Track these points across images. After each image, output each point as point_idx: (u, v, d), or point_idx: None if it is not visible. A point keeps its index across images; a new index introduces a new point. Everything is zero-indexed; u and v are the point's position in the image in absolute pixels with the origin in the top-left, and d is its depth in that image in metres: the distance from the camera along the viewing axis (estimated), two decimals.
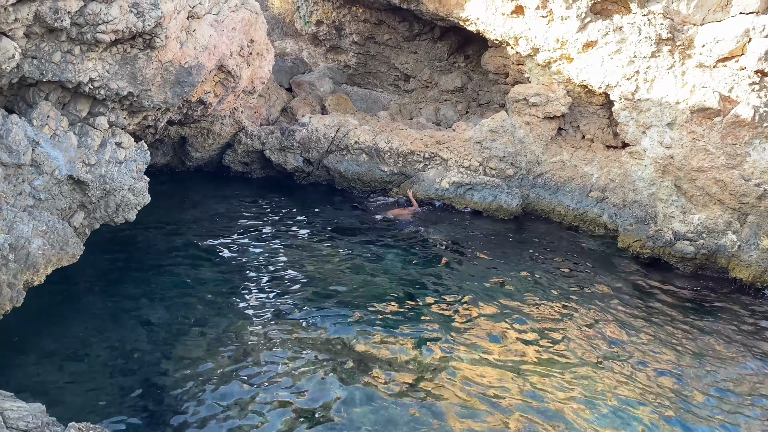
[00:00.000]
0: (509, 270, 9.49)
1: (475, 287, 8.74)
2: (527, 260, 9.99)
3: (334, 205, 12.08)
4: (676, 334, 7.86)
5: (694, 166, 10.18)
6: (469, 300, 8.31)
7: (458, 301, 8.26)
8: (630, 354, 7.29)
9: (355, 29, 16.58)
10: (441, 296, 8.38)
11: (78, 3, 6.56)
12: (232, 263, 8.92)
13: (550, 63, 11.87)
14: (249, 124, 12.71)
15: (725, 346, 7.68)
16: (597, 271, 9.78)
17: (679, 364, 7.13)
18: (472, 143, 12.33)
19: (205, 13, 8.47)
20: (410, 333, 7.30)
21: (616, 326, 7.92)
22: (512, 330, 7.60)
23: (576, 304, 8.46)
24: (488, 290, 8.69)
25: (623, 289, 9.19)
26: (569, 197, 11.78)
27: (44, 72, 6.74)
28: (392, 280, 8.76)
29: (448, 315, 7.84)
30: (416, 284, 8.74)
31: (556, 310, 8.25)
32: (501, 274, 9.31)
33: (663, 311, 8.52)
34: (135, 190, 7.57)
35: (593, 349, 7.32)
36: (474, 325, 7.63)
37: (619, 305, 8.55)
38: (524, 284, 8.98)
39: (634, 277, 9.71)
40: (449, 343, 7.16)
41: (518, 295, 8.60)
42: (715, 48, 9.98)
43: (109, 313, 7.27)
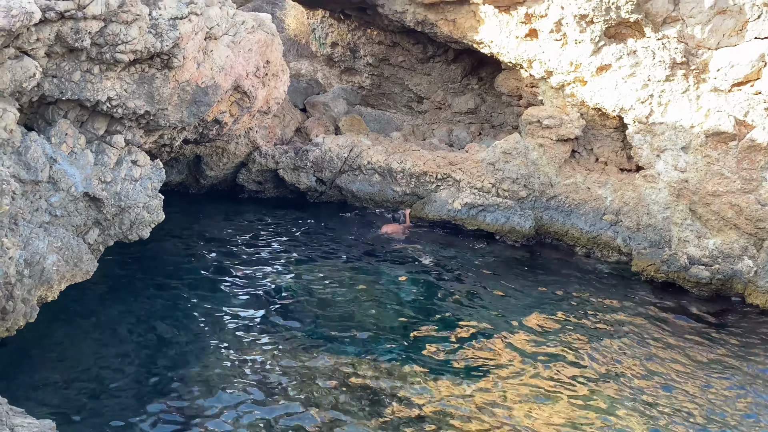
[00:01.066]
0: (522, 294, 9.42)
1: (486, 312, 8.68)
2: (540, 284, 9.91)
3: (346, 226, 12.10)
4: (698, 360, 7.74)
5: (709, 191, 10.10)
6: (479, 326, 8.24)
7: (469, 328, 8.19)
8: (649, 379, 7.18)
9: (370, 51, 16.75)
10: (451, 323, 8.31)
11: (98, 24, 6.70)
12: (243, 283, 8.93)
13: (564, 86, 11.89)
14: (263, 144, 12.82)
15: (750, 376, 7.55)
16: (611, 296, 9.68)
17: (706, 392, 7.01)
18: (485, 165, 12.33)
19: (222, 34, 8.60)
20: (420, 361, 7.22)
21: (633, 352, 7.81)
22: (525, 357, 7.51)
23: (589, 330, 8.36)
24: (500, 315, 8.62)
25: (639, 314, 9.08)
26: (583, 220, 11.71)
27: (64, 91, 6.86)
28: (403, 305, 8.72)
29: (457, 343, 7.76)
30: (427, 310, 8.68)
31: (569, 335, 8.16)
32: (513, 298, 9.25)
33: (682, 337, 8.40)
34: (149, 208, 7.63)
35: (609, 379, 7.21)
36: (484, 353, 7.55)
37: (635, 331, 8.45)
38: (537, 309, 8.89)
39: (649, 302, 9.60)
40: (459, 372, 7.08)
41: (531, 320, 8.51)
42: (730, 72, 9.96)
43: (121, 330, 7.29)
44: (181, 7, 7.58)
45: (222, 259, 9.63)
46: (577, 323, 8.51)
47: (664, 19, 10.41)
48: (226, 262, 9.56)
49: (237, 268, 9.37)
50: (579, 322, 8.54)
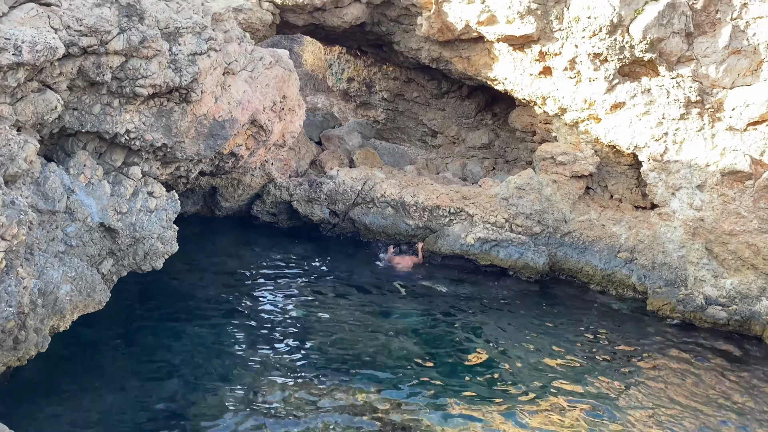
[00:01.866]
0: (536, 331, 9.30)
1: (498, 349, 8.57)
2: (555, 322, 9.79)
3: (358, 259, 12.08)
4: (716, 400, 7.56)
5: (725, 230, 10.00)
6: (492, 363, 8.13)
7: (481, 364, 8.08)
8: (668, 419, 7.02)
9: (385, 86, 16.96)
10: (463, 359, 8.22)
11: (120, 59, 6.86)
12: (254, 316, 8.91)
13: (578, 123, 11.93)
14: (278, 176, 12.93)
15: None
16: (626, 335, 9.53)
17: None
18: (499, 199, 12.32)
19: (240, 69, 8.77)
20: (432, 396, 7.13)
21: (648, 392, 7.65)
22: (537, 394, 7.39)
23: (604, 370, 8.22)
24: (512, 352, 8.51)
25: (655, 354, 8.92)
26: (597, 257, 11.61)
27: (84, 123, 6.99)
28: (415, 340, 8.64)
29: (469, 379, 7.66)
30: (439, 346, 8.60)
31: (583, 374, 8.02)
32: (527, 336, 9.13)
33: (699, 378, 8.22)
34: (163, 239, 7.69)
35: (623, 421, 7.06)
36: (497, 389, 7.44)
37: (651, 371, 8.29)
38: (551, 347, 8.77)
39: (665, 342, 9.42)
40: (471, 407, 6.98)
41: (545, 359, 8.39)
42: (746, 112, 9.94)
43: (130, 361, 7.27)
44: (200, 43, 7.75)
45: (234, 292, 9.62)
46: (592, 362, 8.37)
47: (678, 58, 10.46)
48: (238, 294, 9.56)
49: (249, 301, 9.37)
50: (593, 361, 8.40)
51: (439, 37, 12.73)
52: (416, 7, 12.55)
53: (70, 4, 6.44)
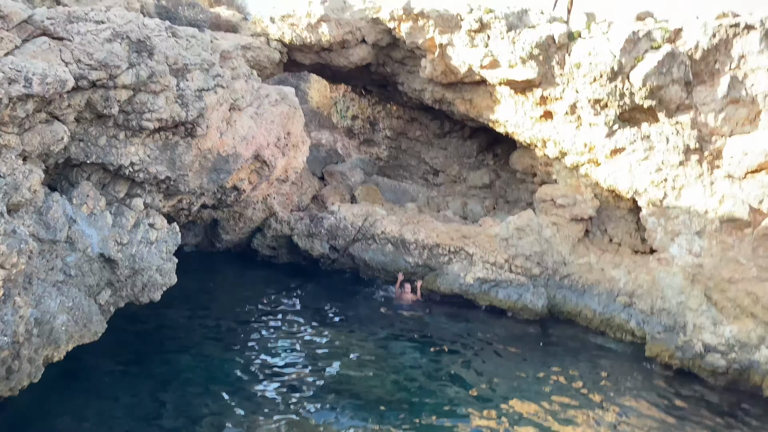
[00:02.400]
0: (533, 375, 9.21)
1: (494, 389, 8.48)
2: (552, 366, 9.69)
3: (357, 295, 12.06)
4: None
5: (724, 277, 9.98)
6: (487, 403, 8.04)
7: (476, 404, 8.00)
8: None
9: (389, 125, 17.19)
10: (458, 398, 8.13)
11: (128, 93, 6.99)
12: (251, 350, 8.85)
13: (578, 166, 12.03)
14: (280, 210, 13.01)
15: None
16: (624, 382, 9.42)
17: None
18: (498, 240, 12.35)
19: (246, 105, 8.91)
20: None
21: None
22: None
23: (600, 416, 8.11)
24: (508, 393, 8.41)
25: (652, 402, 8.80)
26: (596, 301, 11.57)
27: (89, 154, 7.09)
28: (412, 379, 8.57)
29: (464, 418, 7.57)
30: (435, 385, 8.52)
31: (579, 418, 7.92)
32: (522, 377, 9.04)
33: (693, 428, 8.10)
34: (162, 271, 7.70)
35: None
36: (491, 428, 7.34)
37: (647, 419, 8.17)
38: (548, 390, 8.68)
39: (662, 390, 9.31)
40: None
41: (541, 401, 8.29)
42: (744, 160, 10.03)
43: (124, 393, 7.20)
44: (208, 80, 7.91)
45: (230, 326, 9.59)
46: (588, 407, 8.27)
47: (678, 106, 10.61)
48: (235, 329, 9.53)
49: (245, 336, 9.32)
50: (589, 406, 8.30)
51: (443, 79, 12.95)
52: (421, 50, 12.80)
53: (82, 38, 6.60)
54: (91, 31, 6.77)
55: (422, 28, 12.47)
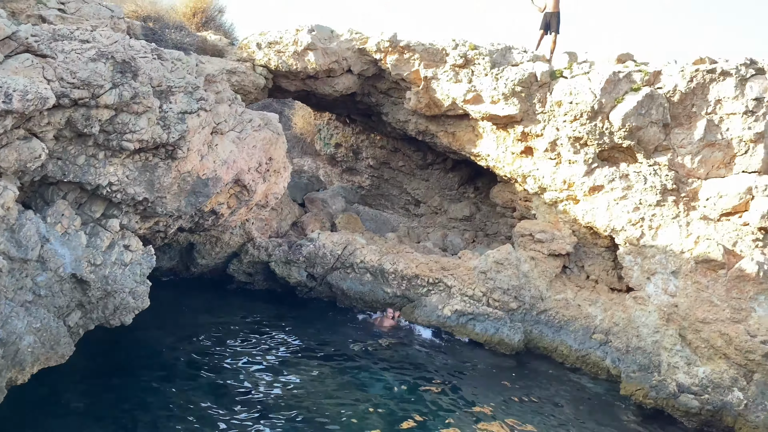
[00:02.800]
0: (506, 411, 9.14)
1: (467, 424, 8.39)
2: (526, 401, 9.64)
3: (334, 325, 11.92)
4: None
5: (698, 317, 10.06)
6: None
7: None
8: None
9: (372, 154, 17.26)
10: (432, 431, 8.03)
11: (109, 112, 6.95)
12: (223, 379, 8.67)
13: (557, 202, 12.15)
14: (258, 236, 12.90)
15: None
16: (597, 420, 9.38)
17: None
18: (477, 273, 12.36)
19: (228, 130, 8.90)
20: None
21: None
22: None
23: None
24: (482, 429, 8.32)
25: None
26: (572, 337, 11.58)
27: (66, 173, 6.99)
28: (387, 411, 8.44)
29: None
30: (409, 417, 8.40)
31: None
32: (497, 412, 8.97)
33: None
34: (135, 294, 7.57)
35: None
36: None
37: None
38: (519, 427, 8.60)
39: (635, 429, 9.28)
40: None
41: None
42: (719, 202, 10.22)
43: (90, 416, 6.98)
44: (191, 103, 7.89)
45: (203, 353, 9.40)
46: None
47: (656, 147, 10.82)
48: (207, 355, 9.34)
49: (217, 362, 9.14)
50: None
51: (427, 111, 13.08)
52: (406, 81, 12.94)
53: (66, 57, 6.57)
54: (76, 50, 6.74)
55: (408, 60, 12.63)
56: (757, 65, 10.39)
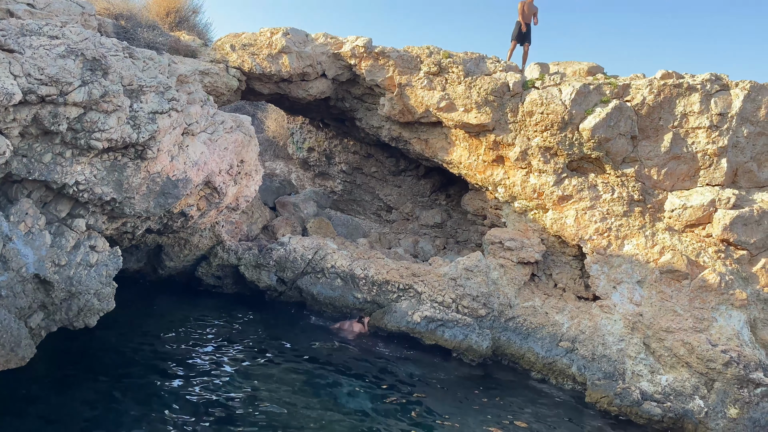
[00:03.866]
0: (472, 420, 9.19)
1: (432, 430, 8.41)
2: (492, 408, 9.70)
3: (303, 331, 11.85)
4: None
5: (662, 326, 10.27)
6: None
7: None
8: None
9: (345, 159, 17.24)
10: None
11: (78, 110, 6.82)
12: (188, 381, 8.55)
13: (527, 211, 12.30)
14: (228, 239, 12.77)
15: None
16: (562, 427, 9.49)
17: None
18: (447, 279, 12.42)
19: (200, 131, 8.80)
20: None
21: None
22: None
23: None
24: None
25: None
26: (539, 344, 11.69)
27: (32, 171, 6.83)
28: (353, 417, 8.41)
29: None
30: (376, 424, 8.39)
31: None
32: (462, 420, 9.00)
33: None
34: (100, 296, 7.42)
35: None
36: None
37: None
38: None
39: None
40: None
41: None
42: (684, 214, 10.46)
43: (50, 419, 6.81)
44: (162, 103, 7.79)
45: (168, 359, 9.24)
46: None
47: (624, 158, 11.04)
48: (172, 359, 9.19)
49: (182, 367, 9.01)
50: None
51: (400, 118, 13.14)
52: (380, 87, 12.98)
53: (34, 52, 6.44)
54: (44, 46, 6.61)
55: (382, 67, 12.68)
56: (721, 81, 10.69)
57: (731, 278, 10.11)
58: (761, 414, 9.19)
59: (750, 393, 9.35)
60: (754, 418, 9.18)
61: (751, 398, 9.32)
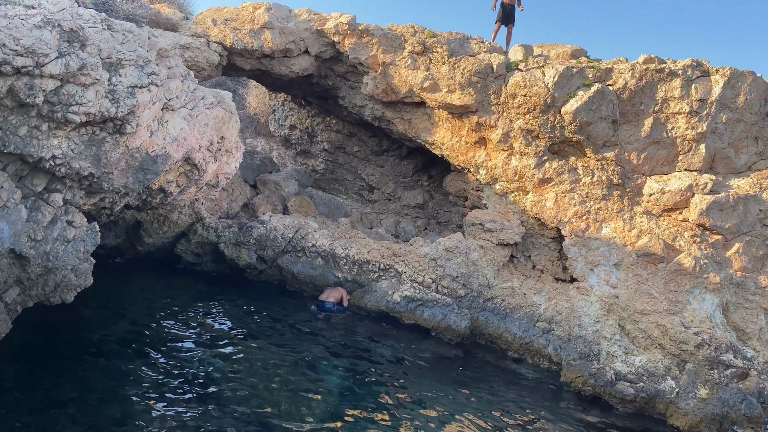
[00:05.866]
0: (449, 395, 9.31)
1: (410, 410, 8.51)
2: (469, 386, 9.83)
3: (282, 308, 11.86)
4: None
5: (637, 308, 10.46)
6: (403, 423, 8.06)
7: (393, 424, 8.00)
8: None
9: (327, 138, 17.15)
10: (377, 418, 8.11)
11: (55, 83, 6.68)
12: (166, 360, 8.51)
13: (507, 193, 12.38)
14: (207, 216, 12.68)
15: None
16: (537, 406, 9.66)
17: None
18: (428, 260, 12.49)
19: (180, 106, 8.68)
20: None
21: None
22: None
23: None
24: (424, 415, 8.47)
25: (563, 429, 9.06)
26: (517, 325, 11.85)
27: (6, 144, 6.70)
28: (333, 396, 8.47)
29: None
30: (355, 402, 8.47)
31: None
32: (440, 399, 9.12)
33: None
34: (78, 271, 7.35)
35: None
36: None
37: None
38: (461, 413, 8.78)
39: (573, 417, 9.60)
40: None
41: (453, 424, 8.38)
42: (661, 199, 10.60)
43: (23, 396, 6.76)
44: (141, 77, 7.66)
45: (146, 336, 9.19)
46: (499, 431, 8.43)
47: (605, 142, 11.12)
48: (150, 339, 9.14)
49: (160, 346, 8.97)
50: (501, 430, 8.46)
51: (384, 97, 13.08)
52: (363, 66, 12.88)
53: (9, 22, 6.27)
54: (20, 15, 6.44)
55: (366, 45, 12.57)
56: (702, 67, 10.79)
57: (705, 262, 10.30)
58: (730, 394, 9.44)
59: (720, 374, 9.59)
60: (723, 399, 9.43)
61: (721, 379, 9.56)
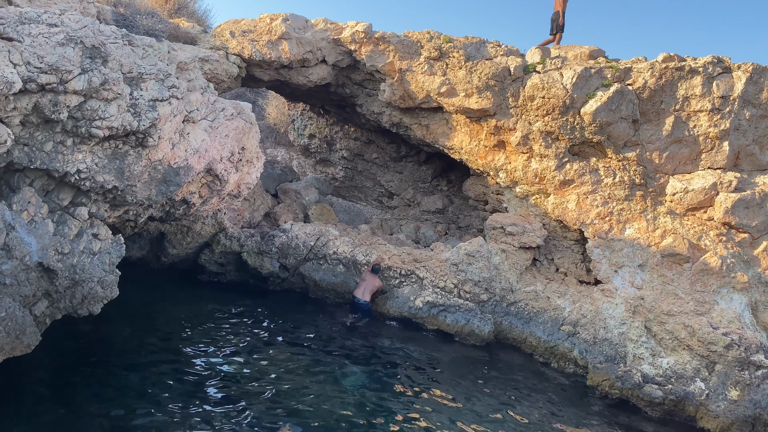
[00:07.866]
0: (475, 398, 9.26)
1: (436, 414, 8.48)
2: (495, 390, 9.77)
3: (306, 316, 11.90)
4: None
5: (663, 309, 10.30)
6: (428, 426, 8.02)
7: (419, 428, 7.97)
8: None
9: (346, 145, 17.22)
10: (403, 422, 8.09)
11: (78, 98, 6.81)
12: (194, 370, 8.61)
13: (528, 196, 12.30)
14: (230, 226, 12.80)
15: None
16: (564, 409, 9.56)
17: None
18: (449, 265, 12.45)
19: (201, 118, 8.79)
20: None
21: None
22: None
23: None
24: (450, 419, 8.43)
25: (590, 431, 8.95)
26: (541, 329, 11.74)
27: (33, 159, 6.84)
28: (357, 402, 8.47)
29: None
30: (380, 408, 8.46)
31: None
32: (466, 402, 9.07)
33: None
34: (104, 283, 7.46)
35: None
36: None
37: None
38: (488, 416, 8.73)
39: (601, 420, 9.48)
40: None
41: (479, 427, 8.32)
42: (685, 198, 10.45)
43: (61, 413, 6.87)
44: (162, 90, 7.78)
45: (172, 344, 9.31)
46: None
47: (625, 142, 11.01)
48: (177, 347, 9.26)
49: (187, 355, 9.07)
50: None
51: (401, 103, 13.10)
52: (380, 73, 12.93)
53: (33, 41, 6.42)
54: (43, 34, 6.59)
55: (383, 52, 12.62)
56: (723, 63, 10.63)
57: (732, 261, 10.13)
58: (762, 396, 9.25)
59: (751, 375, 9.40)
60: (754, 400, 9.24)
61: (752, 380, 9.37)
